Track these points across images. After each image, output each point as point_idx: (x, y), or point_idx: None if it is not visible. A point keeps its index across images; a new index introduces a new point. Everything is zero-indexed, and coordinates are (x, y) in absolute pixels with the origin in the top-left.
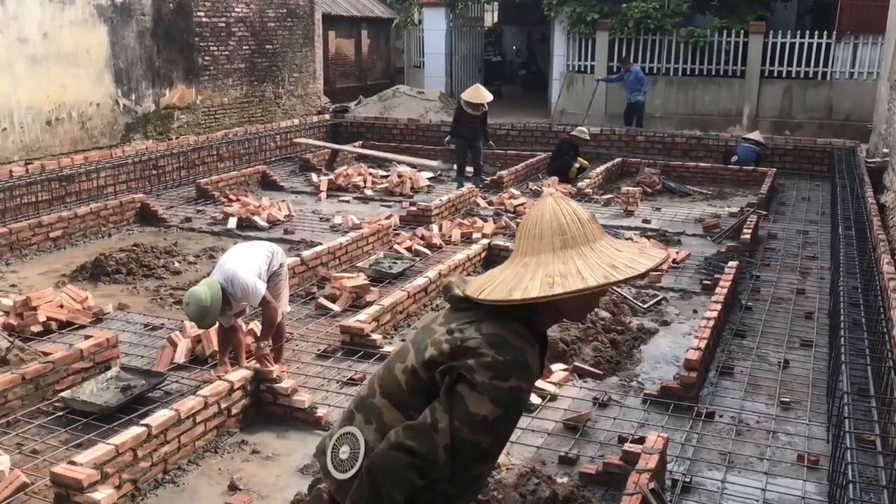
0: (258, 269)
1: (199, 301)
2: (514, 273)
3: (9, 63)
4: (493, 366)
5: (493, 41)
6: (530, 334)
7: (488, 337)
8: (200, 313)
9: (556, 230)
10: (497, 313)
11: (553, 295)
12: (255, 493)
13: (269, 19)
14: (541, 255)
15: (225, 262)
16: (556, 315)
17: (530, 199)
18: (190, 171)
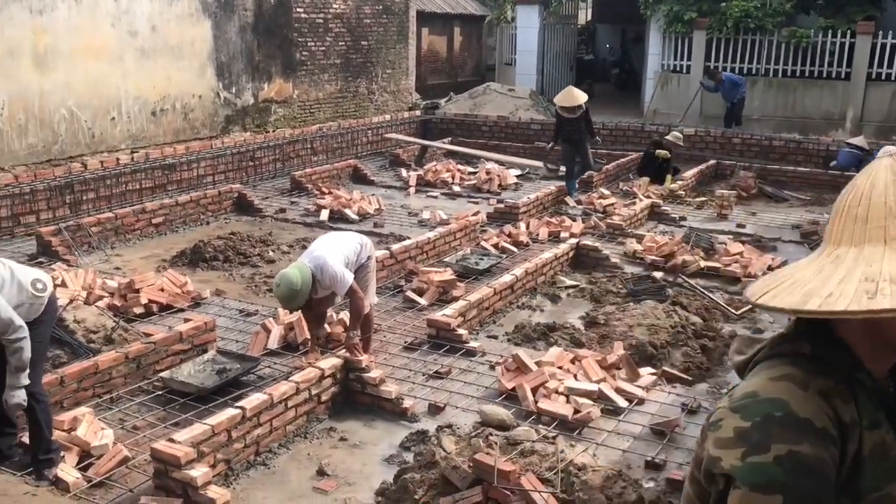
0: (347, 259)
1: (290, 283)
2: (817, 270)
3: (119, 55)
4: (737, 438)
5: (586, 39)
6: (828, 372)
7: (738, 399)
8: (290, 295)
9: (893, 210)
10: (780, 349)
11: (874, 311)
12: (343, 479)
13: (366, 16)
14: (864, 246)
15: (315, 249)
16: (883, 343)
17: (620, 199)
18: (285, 163)
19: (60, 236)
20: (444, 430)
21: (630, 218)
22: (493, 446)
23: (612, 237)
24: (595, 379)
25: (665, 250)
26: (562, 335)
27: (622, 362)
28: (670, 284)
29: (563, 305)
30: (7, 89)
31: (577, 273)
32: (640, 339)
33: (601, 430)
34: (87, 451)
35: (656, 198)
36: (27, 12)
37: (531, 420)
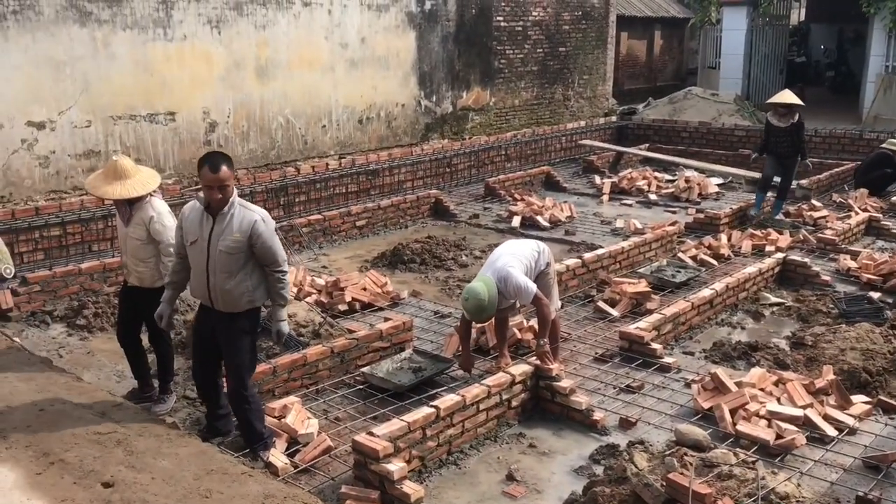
0: (527, 267)
1: (478, 297)
2: None
3: (331, 66)
4: None
5: (798, 40)
6: None
7: None
8: (479, 308)
9: None
10: None
11: None
12: (532, 486)
13: (564, 22)
14: None
15: (496, 259)
16: None
17: (833, 212)
18: (479, 169)
19: None
20: (636, 445)
21: (844, 232)
22: (687, 467)
23: (824, 253)
24: (801, 404)
25: (884, 269)
26: (764, 355)
27: (832, 388)
28: (889, 306)
29: (767, 324)
30: (233, 98)
31: (782, 290)
32: (853, 363)
33: (806, 459)
34: (295, 439)
35: (875, 211)
36: (252, 27)
37: (729, 442)
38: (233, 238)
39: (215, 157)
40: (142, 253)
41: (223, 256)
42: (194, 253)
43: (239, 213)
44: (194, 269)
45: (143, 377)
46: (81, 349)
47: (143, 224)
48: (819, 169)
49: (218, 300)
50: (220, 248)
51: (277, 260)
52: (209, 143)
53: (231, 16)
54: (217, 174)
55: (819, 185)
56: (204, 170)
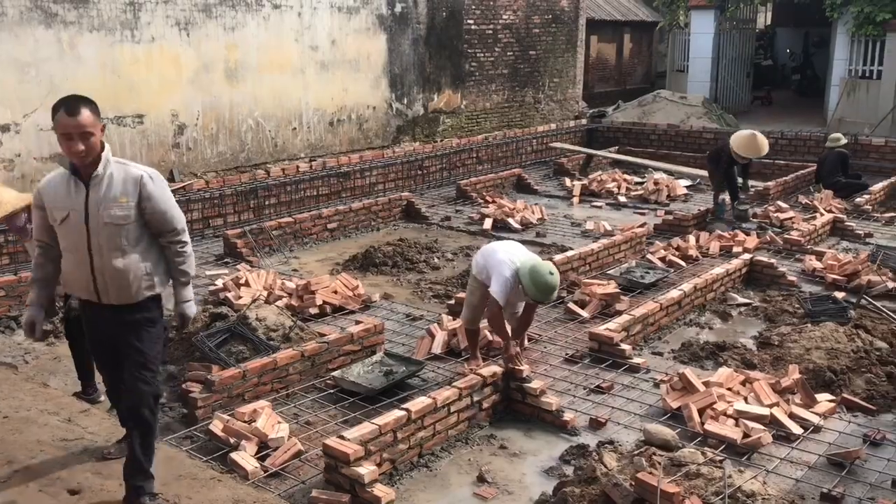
0: None
1: (556, 278)
2: None
3: (301, 68)
4: None
5: (765, 44)
6: None
7: None
8: (556, 287)
9: None
10: None
11: None
12: (502, 487)
13: (535, 25)
14: None
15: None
16: None
17: (799, 213)
18: (451, 172)
19: (245, 238)
20: (606, 445)
21: (810, 233)
22: (656, 466)
23: (790, 253)
24: (767, 403)
25: (848, 269)
26: (732, 355)
27: (797, 387)
28: (853, 306)
29: (734, 324)
30: (202, 101)
31: (749, 290)
32: (818, 362)
33: (772, 458)
34: (265, 443)
35: (839, 212)
36: (221, 29)
37: (697, 442)
38: (118, 203)
39: (72, 99)
40: None
41: (110, 230)
42: (67, 232)
43: (119, 172)
44: (69, 256)
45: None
46: (48, 355)
47: None
48: (785, 171)
49: (108, 290)
50: (104, 219)
51: (176, 226)
52: (178, 145)
53: (200, 18)
54: (77, 118)
55: (785, 186)
56: (59, 115)
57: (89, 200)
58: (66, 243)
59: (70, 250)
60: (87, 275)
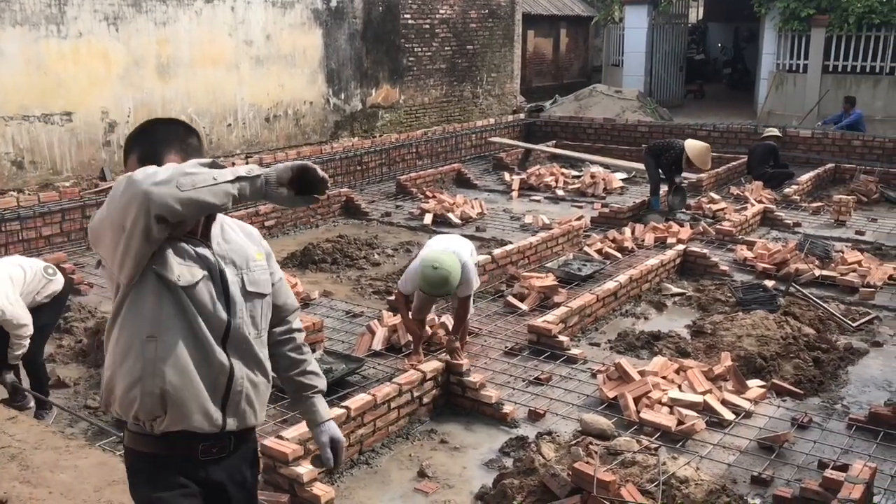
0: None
1: (446, 266)
2: None
3: (236, 63)
4: None
5: (697, 38)
6: None
7: None
8: (443, 281)
9: None
10: None
11: None
12: (443, 481)
13: (471, 20)
14: None
15: (451, 243)
16: None
17: (731, 204)
18: (391, 167)
19: None
20: (544, 436)
21: (741, 224)
22: (593, 455)
23: (722, 243)
24: (700, 390)
25: (777, 258)
26: (666, 344)
27: (729, 374)
28: (782, 294)
29: (669, 314)
30: (133, 97)
31: (683, 280)
32: (749, 350)
33: (705, 443)
34: None
35: (769, 203)
36: (152, 24)
37: (633, 430)
38: (255, 259)
39: (172, 122)
40: None
41: (254, 303)
42: (195, 306)
43: (225, 219)
44: (184, 351)
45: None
46: None
47: None
48: (718, 163)
49: (238, 405)
50: (248, 286)
51: (297, 304)
52: (109, 143)
53: (129, 12)
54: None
55: (717, 178)
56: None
57: (217, 256)
58: (176, 332)
59: (191, 340)
60: (214, 381)
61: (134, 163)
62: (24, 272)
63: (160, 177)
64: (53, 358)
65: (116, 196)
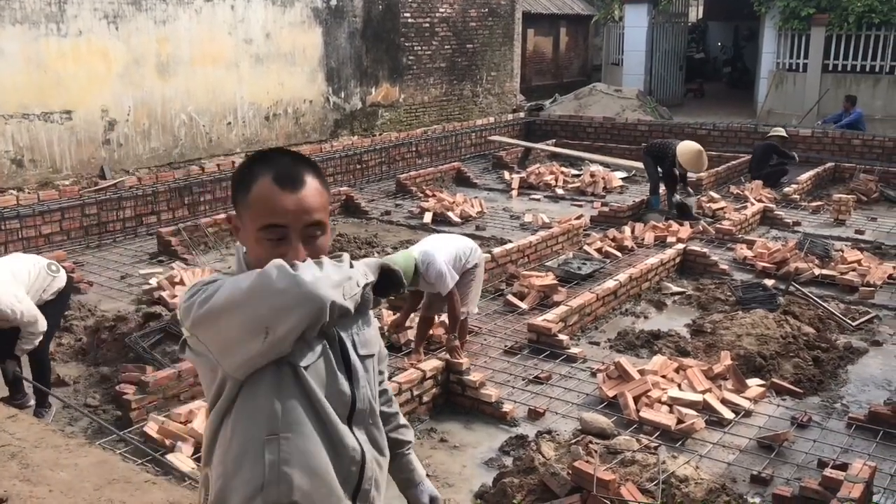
0: (455, 259)
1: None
2: None
3: (236, 62)
4: None
5: (697, 37)
6: None
7: None
8: None
9: None
10: None
11: None
12: (443, 480)
13: (471, 19)
14: None
15: (426, 243)
16: None
17: (731, 203)
18: (390, 166)
19: (179, 236)
20: (544, 435)
21: (741, 223)
22: (592, 454)
23: (722, 243)
24: (700, 389)
25: (777, 257)
26: (666, 343)
27: (729, 373)
28: (782, 293)
29: (669, 313)
30: (133, 96)
31: (683, 279)
32: (749, 349)
33: (705, 442)
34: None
35: (769, 202)
36: (152, 22)
37: (632, 429)
38: (370, 327)
39: (288, 160)
40: None
41: (367, 364)
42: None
43: None
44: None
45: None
46: None
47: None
48: (717, 162)
49: (369, 494)
50: (360, 348)
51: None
52: (108, 141)
53: (129, 11)
54: (303, 193)
55: (717, 177)
56: (266, 186)
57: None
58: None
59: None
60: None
61: (268, 183)
62: (28, 270)
63: (334, 279)
64: (53, 356)
65: (265, 289)
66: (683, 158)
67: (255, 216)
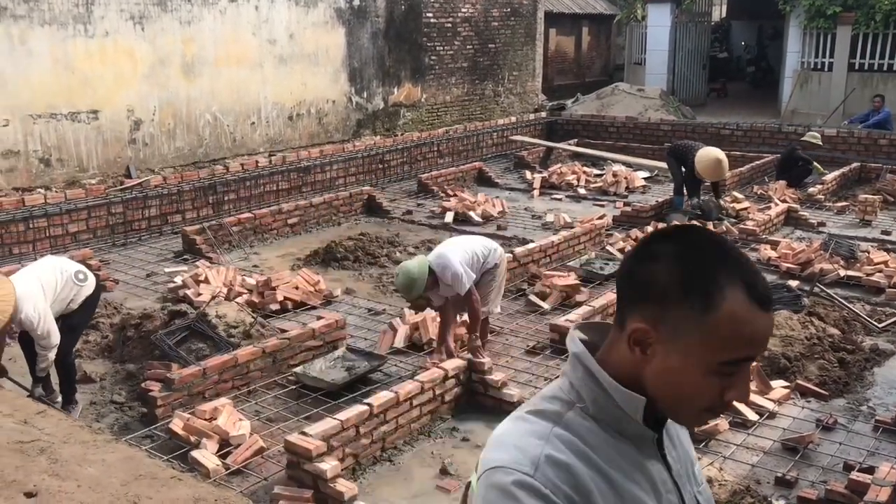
0: (472, 259)
1: (408, 273)
2: None
3: (259, 62)
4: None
5: (720, 37)
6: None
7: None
8: (408, 285)
9: None
10: None
11: None
12: (465, 479)
13: (493, 18)
14: None
15: (442, 246)
16: None
17: (754, 204)
18: (412, 165)
19: (204, 235)
20: None
21: (765, 223)
22: None
23: (745, 243)
24: None
25: (802, 258)
26: None
27: (753, 374)
28: (806, 294)
29: None
30: (158, 96)
31: None
32: (773, 350)
33: (729, 444)
34: (226, 440)
35: (793, 202)
36: (177, 23)
37: None
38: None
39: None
40: None
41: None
42: None
43: None
44: None
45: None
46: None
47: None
48: (741, 162)
49: None
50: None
51: None
52: (134, 141)
53: (155, 12)
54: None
55: (741, 177)
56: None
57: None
58: None
59: None
60: None
61: (743, 301)
62: (55, 279)
63: None
64: (80, 353)
65: None
66: (701, 166)
67: (722, 345)
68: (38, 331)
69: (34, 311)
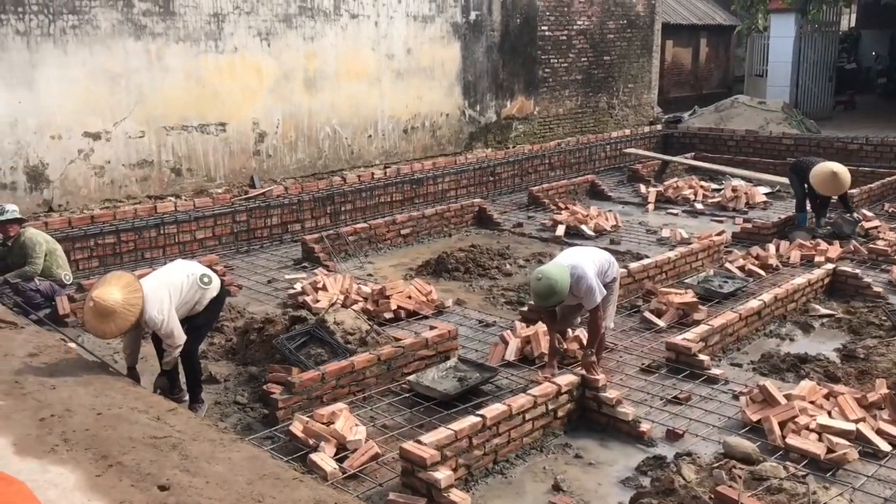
0: (598, 271)
1: (552, 280)
2: None
3: (378, 77)
4: None
5: (848, 47)
6: None
7: None
8: (548, 293)
9: None
10: None
11: None
12: (578, 496)
13: (609, 31)
14: None
15: (571, 256)
16: None
17: (885, 222)
18: (523, 178)
19: (322, 244)
20: (684, 457)
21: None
22: (736, 480)
23: (875, 264)
24: (852, 418)
25: None
26: (814, 368)
27: (885, 402)
28: None
29: (816, 336)
30: (282, 110)
31: (832, 301)
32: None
33: (859, 475)
34: (343, 445)
35: None
36: (301, 39)
37: (777, 456)
38: None
39: None
40: None
41: None
42: None
43: None
44: None
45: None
46: None
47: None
48: (871, 178)
49: None
50: None
51: None
52: (258, 152)
53: (280, 28)
54: None
55: (871, 194)
56: None
57: None
58: None
59: None
60: None
61: None
62: (181, 283)
63: None
64: (205, 354)
65: None
66: (816, 181)
67: None
68: (163, 330)
69: (158, 313)
